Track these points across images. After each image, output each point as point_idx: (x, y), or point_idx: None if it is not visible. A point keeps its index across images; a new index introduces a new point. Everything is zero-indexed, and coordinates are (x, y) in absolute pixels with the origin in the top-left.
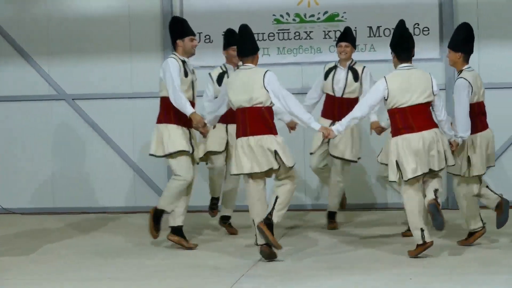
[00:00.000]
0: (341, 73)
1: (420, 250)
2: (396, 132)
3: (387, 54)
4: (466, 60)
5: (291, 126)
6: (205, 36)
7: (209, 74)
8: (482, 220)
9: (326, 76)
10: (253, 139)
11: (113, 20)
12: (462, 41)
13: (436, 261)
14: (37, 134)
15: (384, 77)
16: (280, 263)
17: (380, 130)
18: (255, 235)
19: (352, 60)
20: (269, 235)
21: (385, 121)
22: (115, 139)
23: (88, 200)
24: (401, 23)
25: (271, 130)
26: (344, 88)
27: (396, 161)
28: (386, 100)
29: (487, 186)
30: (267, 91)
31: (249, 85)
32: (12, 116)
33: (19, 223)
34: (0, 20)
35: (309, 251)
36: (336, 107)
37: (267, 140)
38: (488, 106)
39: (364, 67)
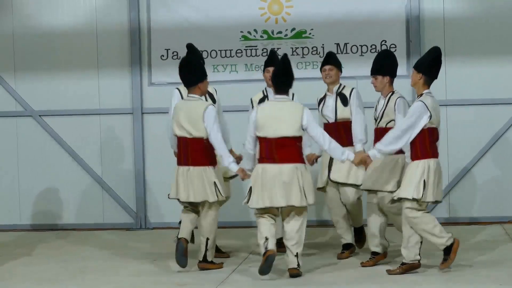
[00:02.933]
0: (330, 100)
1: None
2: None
3: (355, 70)
4: (428, 84)
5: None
6: (172, 53)
7: (251, 99)
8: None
9: (318, 105)
10: (193, 170)
11: (80, 36)
12: (427, 63)
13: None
14: (3, 150)
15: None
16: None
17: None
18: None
19: (340, 84)
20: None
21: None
22: (82, 156)
23: (56, 217)
24: (284, 58)
25: (212, 161)
26: (336, 115)
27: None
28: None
29: None
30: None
31: (192, 118)
32: None
33: None
34: None
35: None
36: (332, 132)
37: (207, 172)
38: (454, 122)
39: (353, 89)
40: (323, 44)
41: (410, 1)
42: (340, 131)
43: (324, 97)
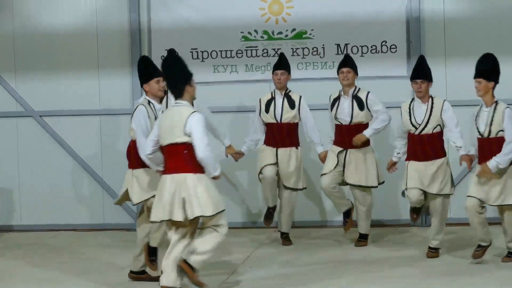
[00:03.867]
0: (345, 103)
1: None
2: None
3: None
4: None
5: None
6: None
7: (260, 99)
8: None
9: (331, 106)
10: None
11: (80, 36)
12: (496, 71)
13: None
14: (4, 151)
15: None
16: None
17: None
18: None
19: (356, 87)
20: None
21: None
22: (82, 156)
23: (56, 217)
24: (169, 57)
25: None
26: (352, 118)
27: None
28: None
29: None
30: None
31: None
32: None
33: None
34: None
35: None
36: (346, 135)
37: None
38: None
39: (368, 92)
40: (323, 45)
41: (411, 1)
42: (353, 134)
43: (339, 98)
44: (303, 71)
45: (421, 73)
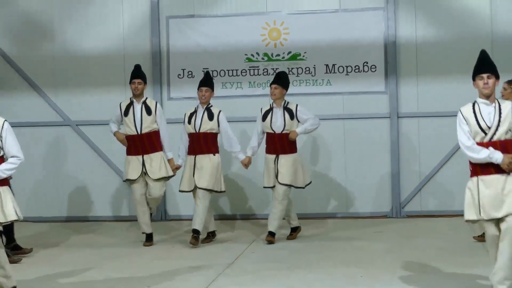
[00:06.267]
0: (278, 114)
1: None
2: None
3: (342, 87)
4: None
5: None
6: (188, 72)
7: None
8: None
9: (264, 117)
10: None
11: (110, 58)
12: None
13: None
14: (45, 155)
15: None
16: (248, 265)
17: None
18: None
19: (285, 100)
20: None
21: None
22: (112, 159)
23: (87, 210)
24: None
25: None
26: (284, 127)
27: None
28: None
29: None
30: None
31: None
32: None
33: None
34: (14, 58)
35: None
36: (278, 142)
37: None
38: (425, 131)
39: (297, 105)
40: (314, 65)
41: (388, 29)
42: (284, 140)
43: (271, 109)
44: (298, 87)
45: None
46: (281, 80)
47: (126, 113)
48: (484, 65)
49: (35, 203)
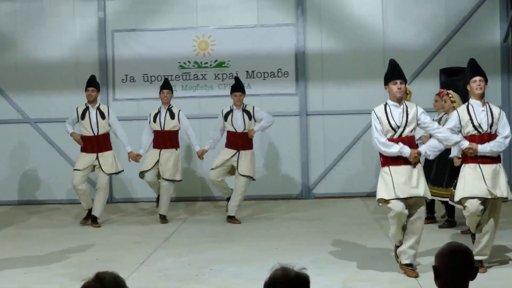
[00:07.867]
0: (238, 114)
1: None
2: None
3: (260, 90)
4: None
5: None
6: (130, 77)
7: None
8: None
9: (225, 118)
10: None
11: (64, 65)
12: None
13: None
14: (6, 151)
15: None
16: (184, 239)
17: None
18: None
19: (243, 103)
20: None
21: None
22: (68, 153)
23: (34, 195)
24: None
25: None
26: (245, 126)
27: None
28: None
29: None
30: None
31: None
32: None
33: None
34: None
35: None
36: (239, 140)
37: None
38: (329, 126)
39: (253, 106)
40: (237, 71)
41: (298, 41)
42: (245, 138)
43: (231, 111)
44: (223, 90)
45: (481, 71)
46: (242, 88)
47: (82, 116)
48: (398, 72)
49: None
